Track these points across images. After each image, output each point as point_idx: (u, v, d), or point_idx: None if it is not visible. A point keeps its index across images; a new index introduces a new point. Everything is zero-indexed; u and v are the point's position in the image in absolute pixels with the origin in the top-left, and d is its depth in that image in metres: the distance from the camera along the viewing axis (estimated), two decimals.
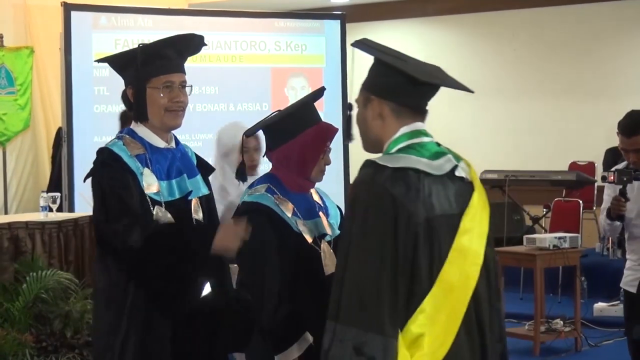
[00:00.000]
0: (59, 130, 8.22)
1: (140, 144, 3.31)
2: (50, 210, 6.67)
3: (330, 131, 3.48)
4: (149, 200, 3.26)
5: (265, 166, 3.98)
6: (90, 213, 6.72)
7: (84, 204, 7.54)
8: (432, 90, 2.73)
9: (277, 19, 8.23)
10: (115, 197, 3.21)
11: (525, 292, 8.50)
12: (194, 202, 3.40)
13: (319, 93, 3.66)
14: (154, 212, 3.25)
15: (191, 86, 3.41)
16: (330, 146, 3.51)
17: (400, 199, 2.53)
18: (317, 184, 3.58)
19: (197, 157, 3.57)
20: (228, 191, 4.52)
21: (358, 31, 10.90)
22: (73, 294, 5.94)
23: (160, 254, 3.16)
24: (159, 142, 3.35)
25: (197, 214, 3.40)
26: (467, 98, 11.16)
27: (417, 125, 2.70)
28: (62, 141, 7.67)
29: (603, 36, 10.21)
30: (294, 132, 3.42)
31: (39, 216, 6.65)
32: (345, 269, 2.53)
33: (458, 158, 2.74)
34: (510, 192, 9.14)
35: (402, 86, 2.68)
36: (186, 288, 3.20)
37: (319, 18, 8.51)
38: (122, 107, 3.45)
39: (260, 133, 3.70)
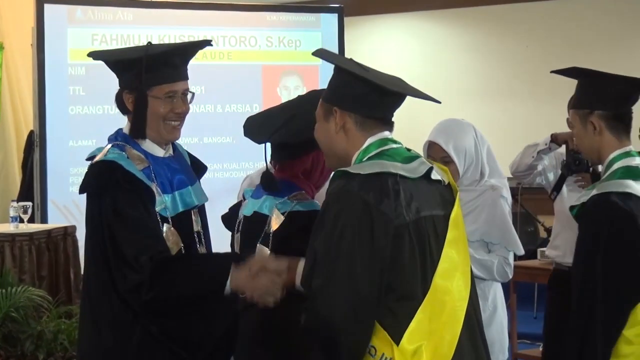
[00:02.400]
0: (31, 133, 8.21)
1: (143, 156, 3.27)
2: (21, 221, 6.67)
3: None
4: (159, 218, 3.24)
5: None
6: (65, 224, 6.82)
7: (58, 214, 7.53)
8: (397, 100, 2.81)
9: (269, 12, 8.24)
10: (135, 229, 3.12)
11: (540, 310, 8.48)
12: (193, 213, 3.39)
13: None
14: (164, 232, 3.22)
15: (193, 93, 3.40)
16: None
17: (375, 204, 2.60)
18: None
19: (190, 156, 3.57)
20: None
21: (357, 26, 10.93)
22: (46, 313, 5.94)
23: (177, 305, 3.11)
24: (158, 152, 3.32)
25: (197, 225, 3.39)
26: (477, 100, 11.18)
27: (385, 134, 2.79)
28: (34, 145, 7.67)
29: (624, 32, 10.23)
30: None
31: (9, 227, 6.65)
32: (311, 282, 2.61)
33: (430, 162, 2.82)
34: (523, 202, 9.13)
35: (367, 97, 2.76)
36: (203, 328, 3.17)
37: (314, 11, 8.52)
38: (99, 108, 3.44)
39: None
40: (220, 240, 4.84)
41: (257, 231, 3.36)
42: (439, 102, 2.80)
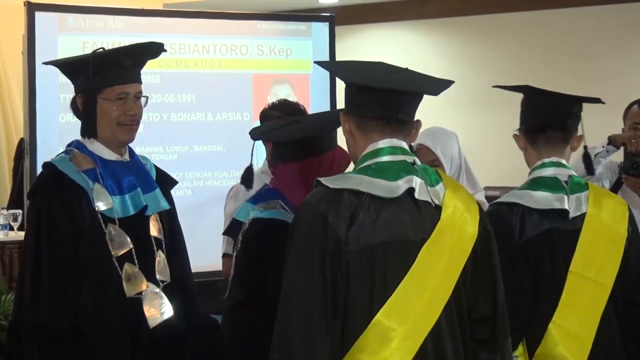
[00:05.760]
0: (21, 141, 8.22)
1: (90, 158, 3.34)
2: (11, 228, 6.69)
3: (345, 159, 3.32)
4: (100, 218, 3.29)
5: None
6: None
7: None
8: (396, 97, 2.66)
9: (260, 20, 8.25)
10: (49, 262, 3.22)
11: None
12: (152, 219, 3.43)
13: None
14: (107, 231, 3.28)
15: (147, 97, 3.44)
16: None
17: (332, 222, 2.51)
18: None
19: (158, 169, 3.60)
20: None
21: (348, 35, 10.99)
22: None
23: None
24: (110, 155, 3.38)
25: (156, 232, 3.43)
26: (466, 109, 11.22)
27: (385, 142, 2.68)
28: (25, 153, 7.66)
29: (613, 40, 10.27)
30: (321, 150, 3.34)
31: None
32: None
33: (436, 179, 2.70)
34: None
35: (357, 95, 2.69)
36: None
37: (305, 20, 8.54)
38: None
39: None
40: (213, 247, 4.88)
41: (235, 237, 3.41)
42: (436, 94, 2.72)
